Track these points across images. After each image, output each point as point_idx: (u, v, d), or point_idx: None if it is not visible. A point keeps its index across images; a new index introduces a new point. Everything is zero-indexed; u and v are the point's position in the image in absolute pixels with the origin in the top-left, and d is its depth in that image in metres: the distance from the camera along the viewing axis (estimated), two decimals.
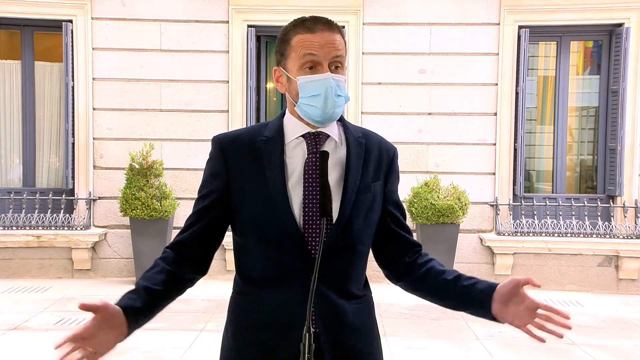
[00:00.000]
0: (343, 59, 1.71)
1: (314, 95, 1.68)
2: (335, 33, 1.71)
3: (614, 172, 7.45)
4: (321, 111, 1.69)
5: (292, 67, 1.71)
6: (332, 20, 1.74)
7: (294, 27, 1.72)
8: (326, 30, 1.69)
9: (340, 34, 1.73)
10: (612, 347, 5.32)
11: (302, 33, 1.69)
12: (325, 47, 1.68)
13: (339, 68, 1.70)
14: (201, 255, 1.78)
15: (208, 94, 7.61)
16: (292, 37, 1.71)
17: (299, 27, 1.71)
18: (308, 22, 1.71)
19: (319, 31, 1.69)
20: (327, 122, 1.73)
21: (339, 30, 1.74)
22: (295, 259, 1.69)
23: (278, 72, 1.77)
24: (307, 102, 1.69)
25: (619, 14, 7.47)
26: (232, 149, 1.76)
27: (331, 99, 1.67)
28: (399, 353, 5.04)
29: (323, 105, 1.68)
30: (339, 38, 1.71)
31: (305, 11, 7.87)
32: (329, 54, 1.68)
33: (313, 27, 1.69)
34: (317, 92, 1.67)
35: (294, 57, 1.70)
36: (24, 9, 7.52)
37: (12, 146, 7.93)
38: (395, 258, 1.87)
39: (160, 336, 5.38)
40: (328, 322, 1.70)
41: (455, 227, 6.97)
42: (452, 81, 7.56)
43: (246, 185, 1.73)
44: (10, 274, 7.38)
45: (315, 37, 1.68)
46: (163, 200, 6.98)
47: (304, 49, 1.68)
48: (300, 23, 1.72)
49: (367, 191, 1.75)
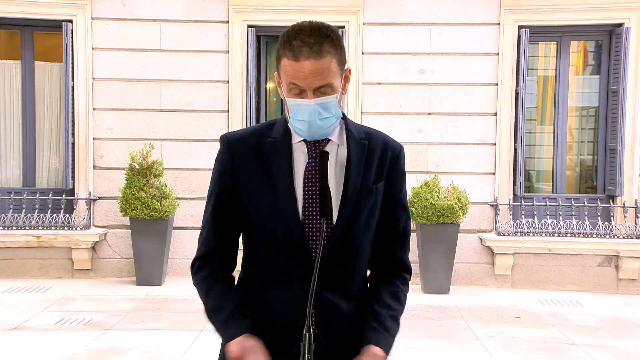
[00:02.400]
0: (332, 84, 1.66)
1: (299, 120, 1.68)
2: (322, 59, 1.62)
3: (614, 172, 7.45)
4: (308, 134, 1.71)
5: (283, 85, 1.70)
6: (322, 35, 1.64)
7: (283, 44, 1.66)
8: (311, 58, 1.62)
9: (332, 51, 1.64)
10: (612, 347, 5.32)
11: (288, 58, 1.64)
12: (309, 77, 1.63)
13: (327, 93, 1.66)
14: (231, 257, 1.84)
15: (208, 94, 7.61)
16: (281, 57, 1.67)
17: (287, 49, 1.64)
18: (295, 45, 1.62)
19: (303, 59, 1.62)
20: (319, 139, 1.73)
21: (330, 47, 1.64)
22: (296, 261, 1.71)
23: (278, 78, 1.76)
24: (296, 124, 1.71)
25: (619, 14, 7.47)
26: (240, 148, 1.77)
27: (315, 125, 1.67)
28: (399, 353, 5.02)
29: (308, 130, 1.69)
30: (326, 63, 1.63)
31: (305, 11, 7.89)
32: (313, 84, 1.64)
33: (298, 54, 1.62)
34: (302, 117, 1.67)
35: (283, 78, 1.69)
36: (24, 9, 7.52)
37: (12, 146, 7.93)
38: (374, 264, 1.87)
39: (160, 336, 5.39)
40: (328, 322, 1.71)
41: (455, 227, 6.97)
42: (452, 81, 7.56)
43: (253, 186, 1.74)
44: (10, 274, 7.38)
45: (300, 67, 1.63)
46: (163, 200, 6.98)
47: (289, 77, 1.65)
48: (289, 43, 1.64)
49: (368, 194, 1.75)
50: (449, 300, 6.75)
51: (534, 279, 7.40)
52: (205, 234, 1.81)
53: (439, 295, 6.93)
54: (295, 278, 1.70)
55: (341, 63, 1.70)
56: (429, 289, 6.99)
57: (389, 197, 1.80)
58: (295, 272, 1.71)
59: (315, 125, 1.67)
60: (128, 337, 5.33)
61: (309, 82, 1.64)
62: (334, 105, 1.68)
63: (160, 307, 6.31)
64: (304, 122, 1.67)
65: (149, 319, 5.92)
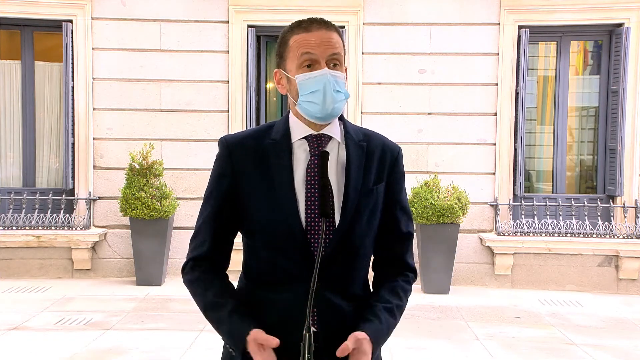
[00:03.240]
0: (341, 56, 1.73)
1: (312, 92, 1.69)
2: (331, 31, 1.73)
3: (614, 172, 7.45)
4: (321, 107, 1.70)
5: (291, 67, 1.73)
6: (328, 20, 1.77)
7: (291, 29, 1.76)
8: (322, 28, 1.72)
9: (337, 32, 1.75)
10: (612, 347, 5.32)
11: (299, 33, 1.73)
12: (321, 45, 1.70)
13: (337, 65, 1.73)
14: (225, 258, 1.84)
15: (208, 94, 7.61)
16: (290, 38, 1.74)
17: (295, 29, 1.74)
18: (304, 22, 1.74)
19: (315, 30, 1.71)
20: (328, 119, 1.73)
21: (336, 29, 1.76)
22: (297, 261, 1.71)
23: (279, 74, 1.78)
24: (307, 99, 1.70)
25: (619, 14, 7.47)
26: (239, 150, 1.78)
27: (330, 94, 1.69)
28: (399, 353, 5.04)
29: (322, 101, 1.69)
30: (335, 36, 1.73)
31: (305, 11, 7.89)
32: (325, 52, 1.70)
33: (309, 27, 1.72)
34: (315, 88, 1.69)
35: (292, 57, 1.73)
36: (24, 9, 7.52)
37: (12, 146, 7.93)
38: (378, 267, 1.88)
39: (160, 336, 5.39)
40: (328, 323, 1.71)
41: (455, 227, 6.97)
42: (452, 81, 7.56)
43: (253, 187, 1.75)
44: (10, 274, 7.38)
45: (312, 36, 1.71)
46: (163, 200, 6.98)
47: (301, 48, 1.71)
48: (297, 25, 1.75)
49: (368, 195, 1.75)
50: (449, 300, 6.75)
51: (534, 279, 7.40)
52: (199, 236, 1.80)
53: (439, 295, 6.93)
54: (296, 278, 1.70)
55: (344, 52, 1.77)
56: (429, 289, 6.99)
57: (389, 199, 1.81)
58: (296, 272, 1.71)
59: (330, 95, 1.69)
60: (128, 337, 5.32)
61: (322, 50, 1.70)
62: (343, 82, 1.73)
63: (160, 307, 6.31)
64: (319, 92, 1.69)
65: (149, 319, 5.92)
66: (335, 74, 1.71)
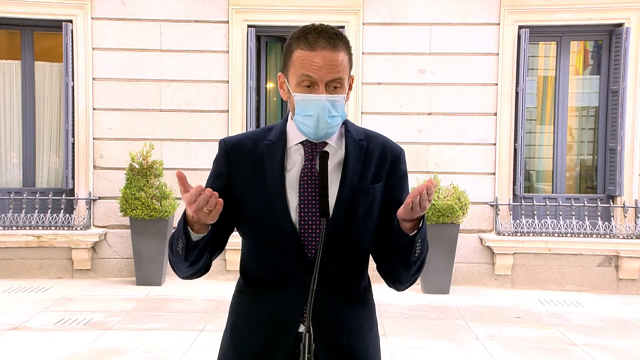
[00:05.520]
0: (342, 80, 1.69)
1: (307, 115, 1.68)
2: (337, 52, 1.67)
3: (614, 172, 7.45)
4: (314, 131, 1.70)
5: (291, 80, 1.71)
6: (337, 34, 1.69)
7: (297, 38, 1.70)
8: (327, 49, 1.66)
9: (344, 50, 1.69)
10: (612, 347, 5.32)
11: (302, 49, 1.67)
12: (323, 68, 1.65)
13: (337, 88, 1.69)
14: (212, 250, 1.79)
15: (208, 94, 7.61)
16: (294, 50, 1.69)
17: (301, 41, 1.68)
18: (311, 35, 1.67)
19: (319, 49, 1.65)
20: (322, 139, 1.74)
21: (344, 46, 1.70)
22: (291, 261, 1.72)
23: (282, 78, 1.77)
24: (302, 121, 1.71)
25: (619, 14, 7.47)
26: (236, 152, 1.79)
27: (323, 121, 1.68)
28: (399, 353, 5.04)
29: (315, 126, 1.69)
30: (341, 57, 1.68)
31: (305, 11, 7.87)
32: (326, 77, 1.66)
33: (315, 45, 1.66)
34: (310, 112, 1.68)
35: (293, 71, 1.70)
36: (24, 9, 7.52)
37: (12, 146, 7.93)
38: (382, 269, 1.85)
39: (160, 336, 5.39)
40: (323, 323, 1.71)
41: (455, 227, 6.97)
42: (452, 81, 7.56)
43: (247, 188, 1.76)
44: (10, 274, 7.38)
45: (315, 57, 1.65)
46: (163, 200, 6.98)
47: (302, 69, 1.67)
48: (304, 36, 1.68)
49: (365, 193, 1.75)
50: (449, 300, 6.75)
51: (534, 279, 7.40)
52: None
53: (439, 295, 6.93)
54: (291, 278, 1.71)
55: (350, 66, 1.72)
56: (429, 289, 6.99)
57: (390, 200, 1.78)
58: (290, 271, 1.72)
59: (324, 121, 1.68)
60: (128, 337, 5.33)
61: (322, 74, 1.65)
62: (341, 105, 1.70)
63: (160, 307, 6.31)
64: (312, 117, 1.68)
65: (149, 319, 5.92)
66: (334, 99, 1.68)
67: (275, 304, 1.73)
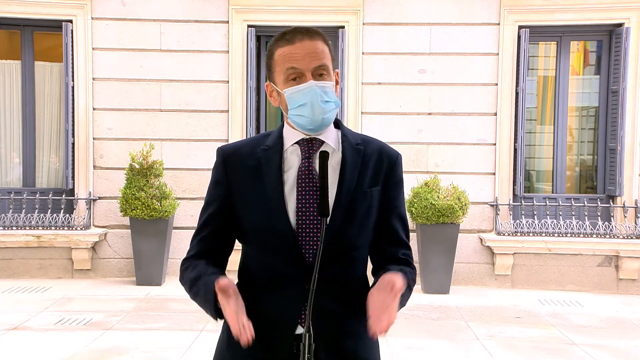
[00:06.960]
0: (327, 67, 1.72)
1: (301, 105, 1.70)
2: (315, 40, 1.71)
3: (614, 172, 7.45)
4: (310, 119, 1.71)
5: (279, 81, 1.74)
6: (312, 28, 1.75)
7: (275, 41, 1.75)
8: (306, 39, 1.70)
9: (322, 40, 1.74)
10: (612, 347, 5.32)
11: (282, 46, 1.72)
12: (306, 57, 1.69)
13: (323, 75, 1.72)
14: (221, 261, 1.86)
15: (208, 94, 7.61)
16: (275, 52, 1.74)
17: (280, 41, 1.73)
18: (288, 34, 1.73)
19: (298, 41, 1.70)
20: (320, 129, 1.75)
21: (321, 37, 1.74)
22: (290, 264, 1.72)
23: (269, 87, 1.80)
24: (296, 113, 1.72)
25: (619, 14, 7.47)
26: (234, 159, 1.81)
27: (318, 106, 1.69)
28: (399, 353, 5.04)
29: (311, 114, 1.70)
30: (320, 45, 1.72)
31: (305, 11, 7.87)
32: (310, 64, 1.69)
33: (293, 39, 1.71)
34: (303, 101, 1.70)
35: (278, 70, 1.73)
36: (24, 9, 7.52)
37: (12, 146, 7.93)
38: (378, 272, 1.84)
39: (160, 336, 5.39)
40: (320, 326, 1.70)
41: (455, 227, 6.97)
42: (452, 81, 7.56)
43: (246, 194, 1.77)
44: (10, 274, 7.38)
45: (295, 49, 1.70)
46: (163, 200, 6.98)
47: (286, 63, 1.70)
48: (281, 37, 1.74)
49: (362, 197, 1.75)
50: (449, 300, 6.75)
51: (534, 279, 7.40)
52: (197, 238, 1.84)
53: (439, 295, 6.93)
54: (289, 280, 1.72)
55: (332, 58, 1.75)
56: (429, 289, 6.99)
57: (385, 204, 1.79)
58: (288, 273, 1.72)
59: (318, 106, 1.69)
60: (128, 337, 5.33)
61: (306, 62, 1.69)
62: (332, 91, 1.72)
63: (160, 307, 6.31)
64: (306, 105, 1.69)
65: (149, 319, 5.92)
66: (323, 85, 1.70)
67: (272, 306, 1.73)
